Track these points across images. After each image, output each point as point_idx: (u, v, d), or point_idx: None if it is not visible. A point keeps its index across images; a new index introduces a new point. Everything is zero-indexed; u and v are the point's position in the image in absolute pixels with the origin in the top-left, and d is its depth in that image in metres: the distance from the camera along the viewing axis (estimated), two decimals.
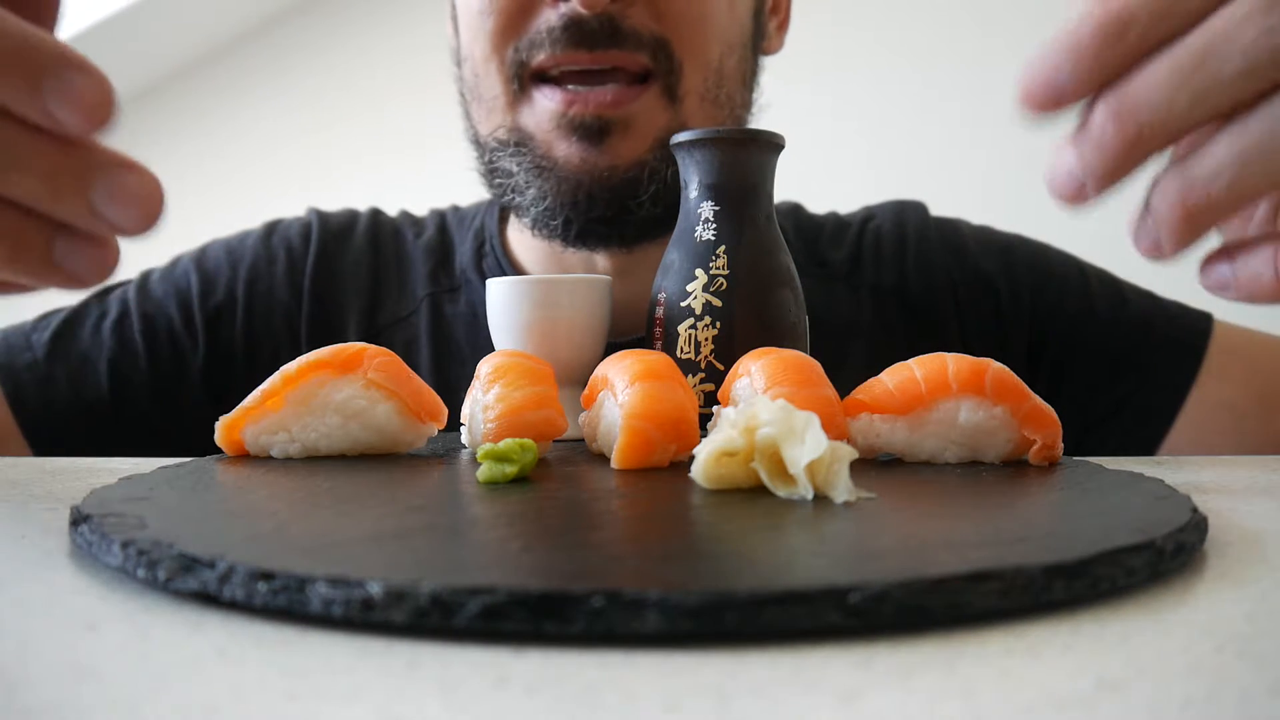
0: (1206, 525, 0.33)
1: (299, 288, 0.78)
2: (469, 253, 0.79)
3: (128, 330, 0.75)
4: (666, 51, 0.64)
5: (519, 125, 0.67)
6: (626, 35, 0.62)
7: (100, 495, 0.37)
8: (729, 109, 0.69)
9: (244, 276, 0.78)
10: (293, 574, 0.25)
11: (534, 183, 0.66)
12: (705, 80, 0.66)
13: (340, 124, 2.26)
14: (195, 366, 0.76)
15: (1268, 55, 0.30)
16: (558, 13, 0.62)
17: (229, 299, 0.77)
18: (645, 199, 0.66)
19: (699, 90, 0.66)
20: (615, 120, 0.64)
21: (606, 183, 0.65)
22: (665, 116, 0.66)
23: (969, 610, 0.25)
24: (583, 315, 0.59)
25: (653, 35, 0.63)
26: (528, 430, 0.47)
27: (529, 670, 0.22)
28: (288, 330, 0.77)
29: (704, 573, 0.27)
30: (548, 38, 0.62)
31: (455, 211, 0.85)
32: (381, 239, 0.82)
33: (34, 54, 0.29)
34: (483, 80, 0.68)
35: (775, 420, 0.38)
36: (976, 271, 0.78)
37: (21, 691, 0.21)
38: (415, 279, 0.79)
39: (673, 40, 0.64)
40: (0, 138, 0.30)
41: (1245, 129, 0.31)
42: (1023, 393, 0.46)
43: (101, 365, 0.74)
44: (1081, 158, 0.33)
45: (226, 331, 0.77)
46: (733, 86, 0.68)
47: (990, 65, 1.94)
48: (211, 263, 0.79)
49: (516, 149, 0.67)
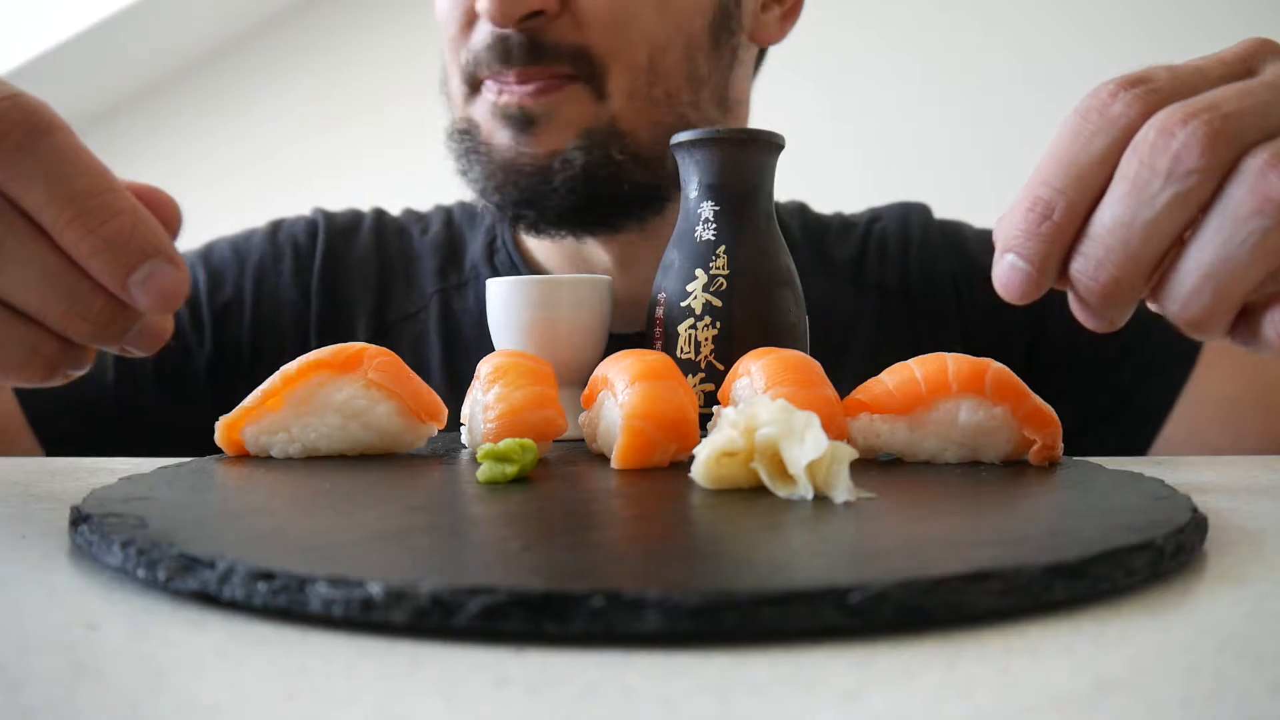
0: (1206, 525, 0.33)
1: (307, 286, 0.79)
2: (480, 248, 0.80)
3: None
4: (587, 58, 0.67)
5: (469, 116, 0.72)
6: (546, 50, 0.66)
7: (100, 495, 0.37)
8: (668, 105, 0.70)
9: (251, 274, 0.79)
10: (293, 574, 0.25)
11: (473, 167, 0.71)
12: (634, 79, 0.68)
13: (341, 123, 2.26)
14: (201, 363, 0.76)
15: (1182, 167, 0.33)
16: (486, 30, 0.67)
17: (236, 296, 0.78)
18: (559, 186, 0.69)
19: (628, 88, 0.68)
20: (538, 112, 0.67)
21: (524, 170, 0.69)
22: (592, 110, 0.68)
23: (969, 610, 0.25)
24: (583, 315, 0.59)
25: (572, 46, 0.66)
26: (528, 430, 0.47)
27: (529, 670, 0.22)
28: (295, 328, 0.78)
29: (704, 573, 0.27)
30: (482, 53, 0.68)
31: (463, 207, 0.86)
32: (387, 237, 0.82)
33: (141, 239, 0.34)
34: (450, 78, 0.73)
35: (775, 420, 0.38)
36: (977, 268, 0.80)
37: (21, 691, 0.21)
38: (423, 275, 0.80)
39: (593, 47, 0.67)
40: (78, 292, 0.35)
41: (1201, 245, 0.35)
42: (1023, 393, 0.47)
43: (107, 360, 0.74)
44: (1086, 311, 0.38)
45: (233, 329, 0.77)
46: (673, 83, 0.70)
47: (995, 66, 1.94)
48: (217, 260, 0.80)
49: (463, 136, 0.72)
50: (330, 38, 2.29)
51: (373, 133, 2.22)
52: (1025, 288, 0.37)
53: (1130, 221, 0.35)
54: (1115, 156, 0.35)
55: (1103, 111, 0.36)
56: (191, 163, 2.21)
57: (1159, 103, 0.35)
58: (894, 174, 1.90)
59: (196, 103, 2.25)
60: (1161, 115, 0.34)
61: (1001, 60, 1.92)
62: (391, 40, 2.23)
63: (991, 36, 1.94)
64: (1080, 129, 0.36)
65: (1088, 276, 0.36)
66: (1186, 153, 0.33)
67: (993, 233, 0.39)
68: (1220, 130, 0.33)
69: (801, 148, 0.71)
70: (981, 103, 1.94)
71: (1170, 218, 0.34)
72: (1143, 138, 0.34)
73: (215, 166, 2.22)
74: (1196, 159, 0.33)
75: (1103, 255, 0.35)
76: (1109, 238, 0.35)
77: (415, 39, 2.17)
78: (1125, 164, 0.35)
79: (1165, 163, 0.34)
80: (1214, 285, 0.34)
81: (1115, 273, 0.35)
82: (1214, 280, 0.34)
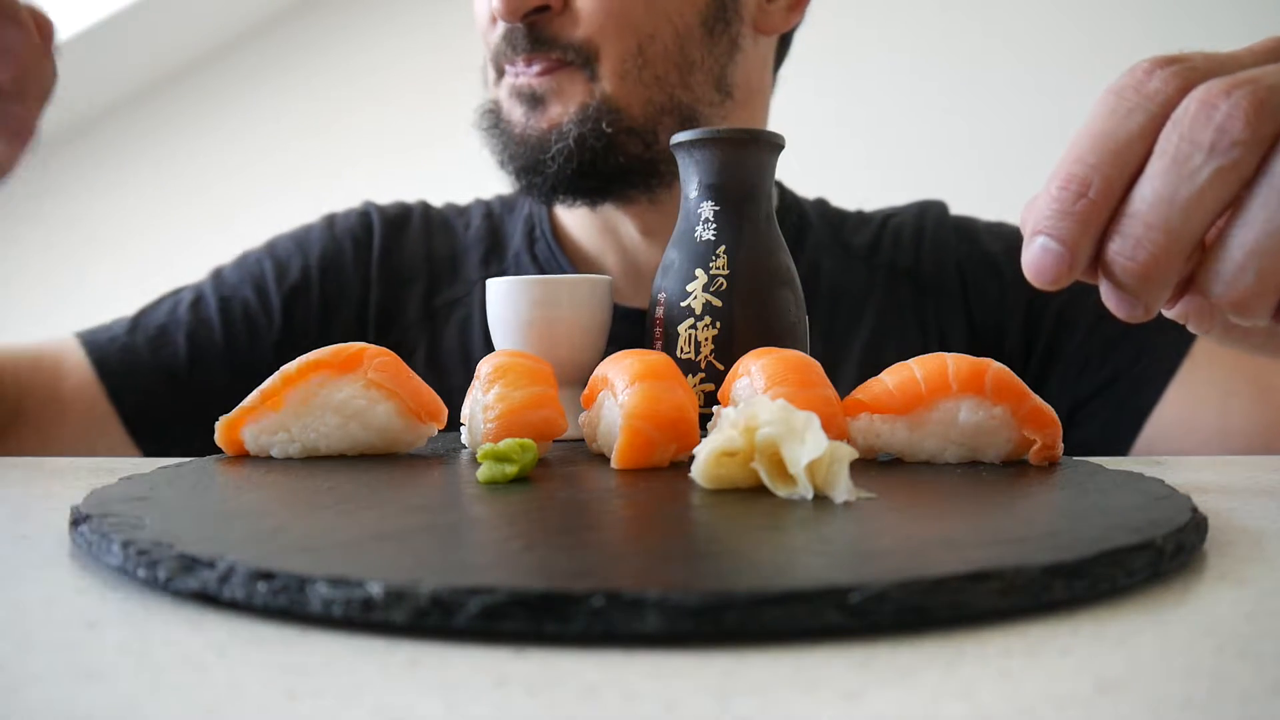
0: (1206, 525, 0.33)
1: (367, 274, 0.86)
2: (520, 237, 0.87)
3: (204, 310, 0.82)
4: (582, 48, 0.75)
5: (495, 98, 0.81)
6: (546, 41, 0.75)
7: (100, 495, 0.37)
8: (658, 85, 0.76)
9: (316, 263, 0.85)
10: (293, 574, 0.25)
11: (495, 141, 0.80)
12: (624, 63, 0.75)
13: (343, 123, 2.26)
14: (270, 342, 0.82)
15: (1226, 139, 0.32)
16: (501, 24, 0.76)
17: (304, 281, 0.84)
18: (553, 155, 0.76)
19: (618, 70, 0.75)
20: (543, 91, 0.76)
21: (529, 142, 0.77)
22: (587, 89, 0.76)
23: (969, 610, 0.25)
24: (583, 315, 0.59)
25: (570, 38, 0.75)
26: (528, 430, 0.47)
27: (529, 670, 0.22)
28: (355, 314, 0.85)
29: (704, 573, 0.27)
30: (499, 42, 0.77)
31: (501, 200, 0.92)
32: (434, 229, 0.89)
33: None
34: (488, 66, 0.81)
35: (775, 420, 0.38)
36: (983, 253, 0.84)
37: (21, 691, 0.21)
38: (469, 266, 0.87)
39: (585, 39, 0.75)
40: None
41: (1246, 221, 0.33)
42: (1023, 393, 0.47)
43: (180, 337, 0.80)
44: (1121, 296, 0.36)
45: (302, 312, 0.83)
46: (661, 67, 0.76)
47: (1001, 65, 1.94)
48: (282, 251, 0.86)
49: (491, 115, 0.81)
50: (330, 38, 2.29)
51: (373, 132, 2.22)
52: (1058, 270, 0.35)
53: (1171, 197, 0.33)
54: (1154, 132, 0.34)
55: (1139, 88, 0.34)
56: (191, 163, 2.21)
57: (1197, 79, 0.34)
58: (909, 175, 1.90)
59: (195, 103, 2.25)
60: (1202, 88, 0.33)
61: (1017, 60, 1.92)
62: (392, 40, 2.23)
63: (994, 37, 1.94)
64: (1116, 106, 0.35)
65: (1125, 256, 0.34)
66: (1230, 124, 0.32)
67: (1020, 219, 0.37)
68: (1265, 101, 0.32)
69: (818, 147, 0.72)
70: (994, 102, 1.94)
71: (1213, 193, 0.33)
72: (1183, 111, 0.33)
73: (214, 167, 2.22)
74: (1240, 130, 0.32)
75: (1142, 233, 0.34)
76: (1149, 215, 0.34)
77: (416, 39, 2.17)
78: (1165, 138, 0.33)
79: (1208, 135, 0.32)
80: (1259, 264, 0.33)
81: (1155, 251, 0.34)
82: (1259, 258, 0.33)
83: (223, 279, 0.84)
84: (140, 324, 0.81)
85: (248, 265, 0.85)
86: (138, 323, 0.81)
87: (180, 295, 0.84)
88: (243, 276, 0.84)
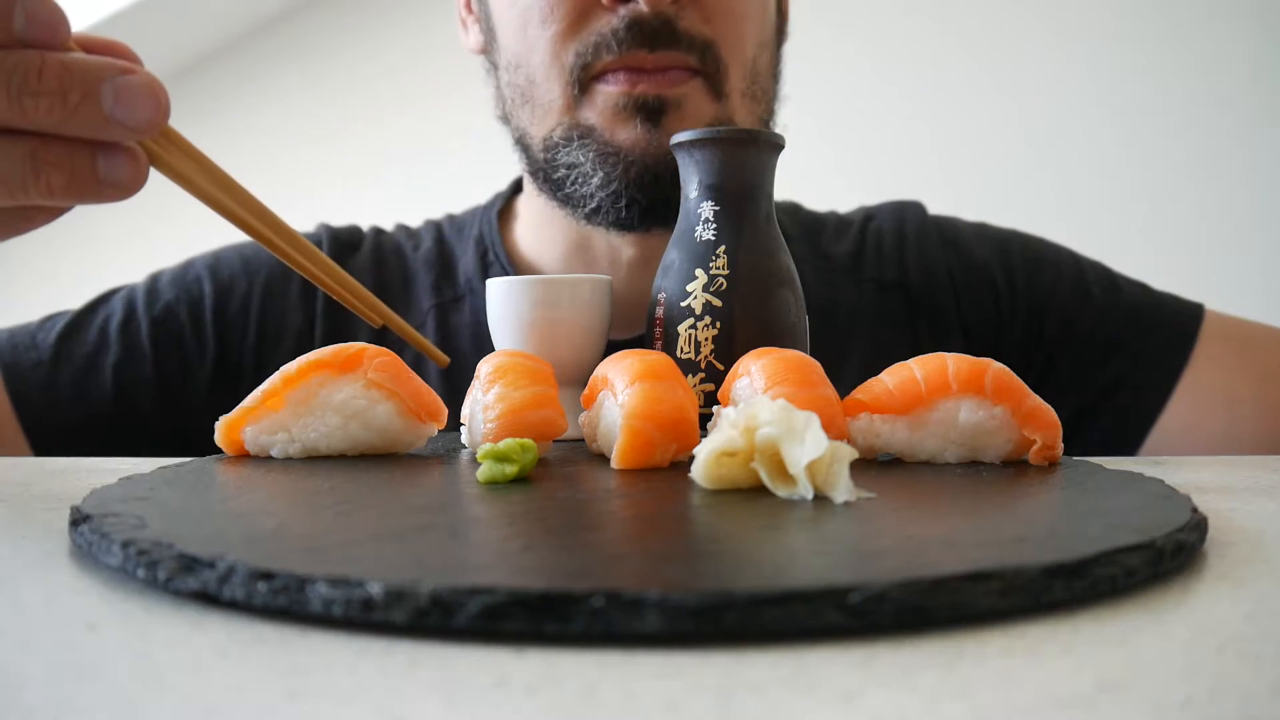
0: (1206, 525, 0.33)
1: (312, 306, 0.79)
2: (472, 261, 0.80)
3: (135, 334, 0.75)
4: (713, 53, 0.68)
5: (579, 121, 0.69)
6: (681, 36, 0.66)
7: (100, 495, 0.37)
8: (764, 102, 0.73)
9: (259, 291, 0.78)
10: (293, 574, 0.25)
11: (599, 170, 0.69)
12: (744, 78, 0.70)
13: (341, 126, 2.26)
14: (202, 375, 0.76)
15: None
16: (618, 15, 0.66)
17: (242, 312, 0.78)
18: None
19: (740, 88, 0.70)
20: (671, 100, 0.67)
21: (669, 163, 0.66)
22: (713, 109, 0.69)
23: (969, 610, 0.25)
24: (583, 315, 0.59)
25: (702, 37, 0.67)
26: (528, 430, 0.47)
27: (529, 670, 0.22)
28: (297, 348, 0.77)
29: (704, 573, 0.27)
30: (611, 38, 0.66)
31: (451, 221, 0.86)
32: (385, 255, 0.82)
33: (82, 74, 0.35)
34: (540, 85, 0.70)
35: (775, 420, 0.38)
36: (974, 263, 0.81)
37: (21, 691, 0.21)
38: (419, 291, 0.80)
39: (718, 42, 0.68)
40: (8, 67, 0.34)
41: None
42: (1023, 393, 0.47)
43: (106, 369, 0.74)
44: None
45: (235, 346, 0.77)
46: (765, 81, 0.73)
47: (987, 65, 1.94)
48: (226, 273, 0.79)
49: (580, 142, 0.69)
50: (329, 44, 2.29)
51: (373, 137, 2.22)
52: None
53: None
54: None
55: None
56: None
57: None
58: (889, 174, 1.90)
59: (195, 104, 2.25)
60: None
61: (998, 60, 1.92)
62: (391, 45, 2.23)
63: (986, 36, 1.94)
64: None
65: None
66: None
67: None
68: None
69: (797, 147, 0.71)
70: (977, 102, 1.94)
71: None
72: None
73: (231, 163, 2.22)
74: None
75: None
76: None
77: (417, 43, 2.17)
78: None
79: None
80: None
81: None
82: None
83: (158, 293, 0.77)
84: (65, 352, 0.74)
85: (186, 282, 0.78)
86: (63, 349, 0.74)
87: (112, 307, 0.76)
88: (179, 294, 0.77)
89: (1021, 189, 1.85)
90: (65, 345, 0.74)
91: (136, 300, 0.77)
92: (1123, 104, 1.85)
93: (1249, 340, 0.77)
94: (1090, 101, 1.86)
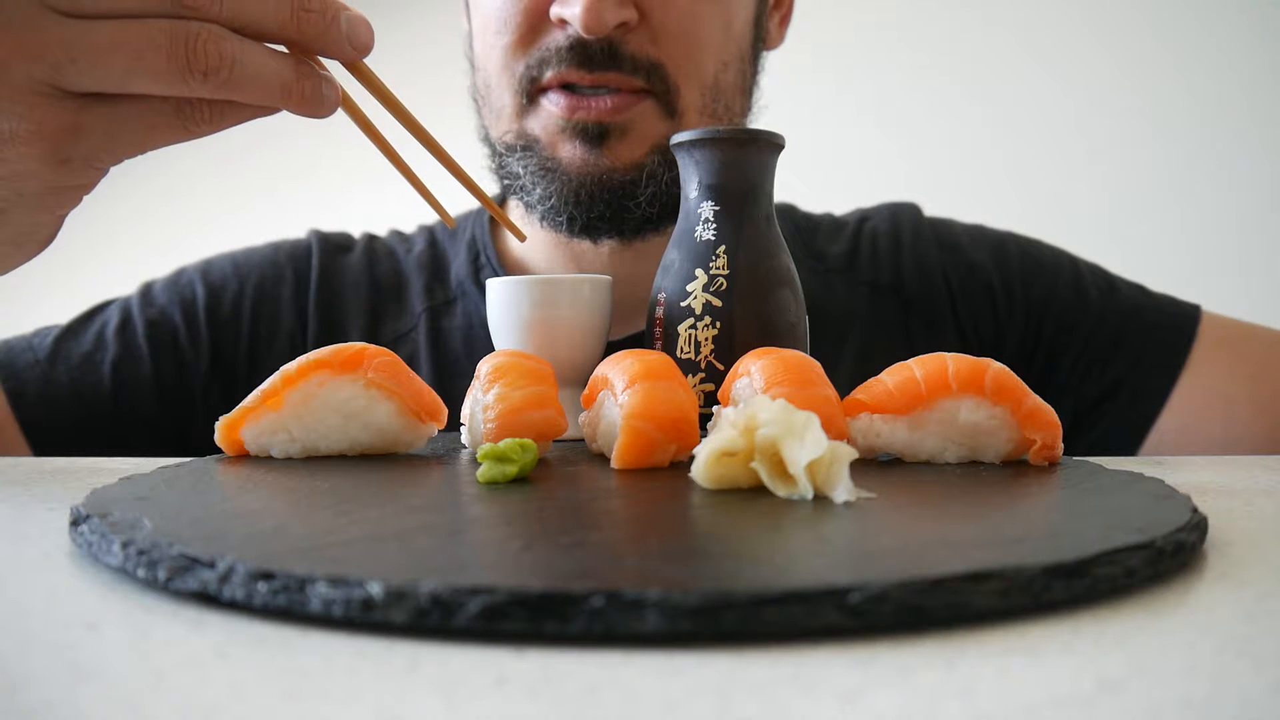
0: (1206, 525, 0.33)
1: (304, 308, 0.79)
2: (464, 265, 0.81)
3: (131, 335, 0.76)
4: (661, 74, 0.68)
5: (526, 131, 0.71)
6: (624, 59, 0.66)
7: (100, 495, 0.37)
8: (727, 118, 0.72)
9: (251, 295, 0.79)
10: (293, 574, 0.25)
11: (539, 183, 0.70)
12: (702, 97, 0.70)
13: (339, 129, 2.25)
14: (197, 376, 0.76)
15: None
16: (564, 34, 0.67)
17: (234, 315, 0.78)
18: (642, 199, 0.70)
19: (696, 105, 0.70)
20: (613, 126, 0.68)
21: (606, 183, 0.69)
22: (663, 126, 0.69)
23: (969, 610, 0.25)
24: (583, 315, 0.59)
25: (648, 59, 0.67)
26: (528, 430, 0.47)
27: (529, 670, 0.22)
28: (290, 349, 0.78)
29: (704, 573, 0.27)
30: (554, 56, 0.67)
31: (443, 225, 0.85)
32: (378, 259, 0.83)
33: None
34: (494, 90, 0.72)
35: (775, 420, 0.38)
36: (970, 265, 0.80)
37: (21, 691, 0.21)
38: (412, 294, 0.81)
39: (667, 64, 0.68)
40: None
41: None
42: (1023, 392, 0.47)
43: (104, 367, 0.74)
44: None
45: (230, 347, 0.78)
46: (730, 97, 0.72)
47: (984, 66, 1.94)
48: (218, 276, 0.80)
49: (524, 152, 0.71)
50: None
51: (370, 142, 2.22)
52: None
53: None
54: None
55: None
56: (187, 161, 2.21)
57: None
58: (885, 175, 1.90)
59: None
60: None
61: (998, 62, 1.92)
62: (390, 45, 2.22)
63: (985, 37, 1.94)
64: None
65: None
66: None
67: None
68: None
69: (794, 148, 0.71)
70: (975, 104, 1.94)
71: None
72: None
73: (212, 168, 2.22)
74: None
75: None
76: None
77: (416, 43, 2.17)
78: None
79: None
80: None
81: None
82: None
83: (152, 299, 0.78)
84: (63, 352, 0.74)
85: (179, 288, 0.79)
86: (60, 350, 0.74)
87: (107, 315, 0.77)
88: (172, 299, 0.78)
89: (1018, 190, 1.84)
90: (62, 346, 0.75)
91: (132, 306, 0.77)
92: (1119, 105, 1.84)
93: (1245, 341, 0.77)
94: (1086, 103, 1.86)
